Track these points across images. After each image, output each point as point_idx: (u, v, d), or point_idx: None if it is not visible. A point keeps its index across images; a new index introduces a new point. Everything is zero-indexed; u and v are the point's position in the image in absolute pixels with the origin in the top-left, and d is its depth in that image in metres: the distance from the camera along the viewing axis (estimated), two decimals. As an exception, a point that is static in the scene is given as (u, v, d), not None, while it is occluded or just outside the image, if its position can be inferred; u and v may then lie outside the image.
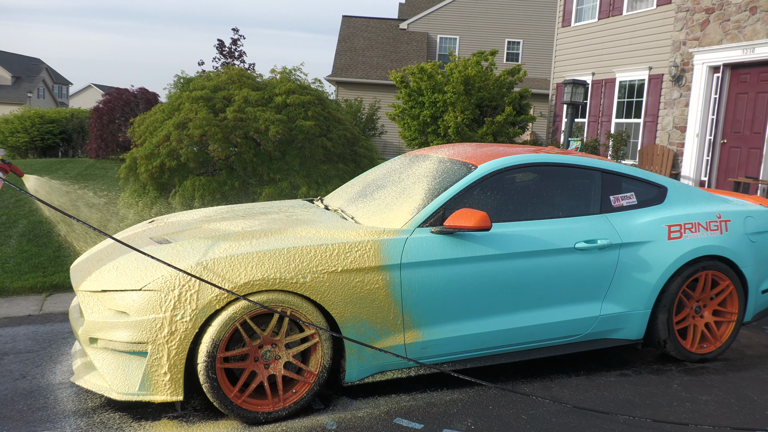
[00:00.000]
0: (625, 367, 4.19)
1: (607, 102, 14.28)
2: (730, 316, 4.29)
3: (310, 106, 7.51)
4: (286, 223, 3.69)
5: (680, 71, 11.68)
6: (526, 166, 4.01)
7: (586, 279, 3.87)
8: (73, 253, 6.53)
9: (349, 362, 3.39)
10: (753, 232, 4.38)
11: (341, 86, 25.89)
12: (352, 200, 4.20)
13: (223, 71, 8.18)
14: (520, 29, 27.90)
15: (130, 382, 3.08)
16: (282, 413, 3.26)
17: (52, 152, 20.45)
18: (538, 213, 3.89)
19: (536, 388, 3.79)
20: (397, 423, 3.29)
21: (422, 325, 3.52)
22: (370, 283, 3.37)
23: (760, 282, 4.42)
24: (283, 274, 3.19)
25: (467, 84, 13.59)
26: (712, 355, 4.26)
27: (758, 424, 3.41)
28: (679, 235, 4.08)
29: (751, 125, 10.40)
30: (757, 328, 5.08)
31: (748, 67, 10.47)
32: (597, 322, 3.94)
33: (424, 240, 3.52)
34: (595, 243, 3.87)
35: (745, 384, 3.95)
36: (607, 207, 4.08)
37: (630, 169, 4.27)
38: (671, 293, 4.05)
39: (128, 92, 16.90)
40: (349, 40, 27.85)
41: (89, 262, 3.56)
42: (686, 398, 3.71)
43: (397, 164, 4.49)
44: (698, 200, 4.38)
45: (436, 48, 28.09)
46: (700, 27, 11.21)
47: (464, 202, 3.71)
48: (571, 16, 15.54)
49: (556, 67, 16.20)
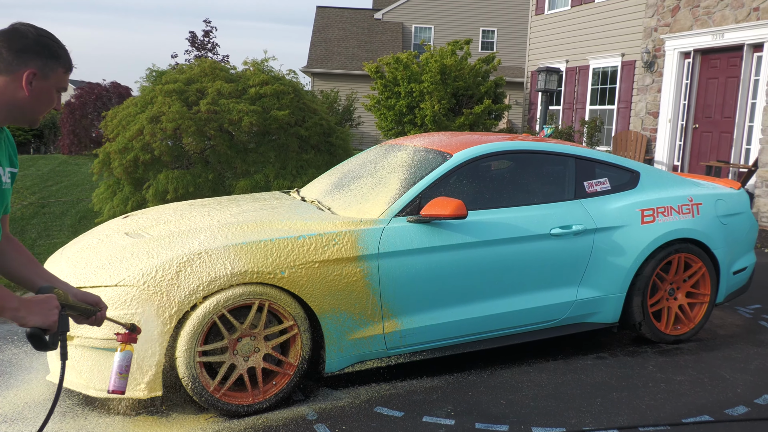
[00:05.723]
0: (602, 350, 4.25)
1: (581, 89, 14.39)
2: (702, 297, 4.37)
3: (284, 96, 7.47)
4: (262, 216, 3.67)
5: (652, 57, 11.81)
6: (501, 153, 4.04)
7: (561, 264, 3.91)
8: (47, 250, 6.44)
9: (329, 353, 3.40)
10: (724, 215, 4.46)
11: (317, 77, 25.74)
12: (329, 191, 4.19)
13: (196, 64, 8.09)
14: (494, 18, 27.96)
15: (107, 379, 3.05)
16: (262, 405, 3.26)
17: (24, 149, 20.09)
18: (514, 200, 3.92)
19: (515, 373, 3.83)
20: (377, 411, 3.31)
21: (401, 314, 3.53)
22: (348, 273, 3.37)
23: (731, 263, 4.50)
24: (261, 267, 3.18)
25: (444, 73, 13.60)
26: (686, 336, 4.34)
27: (731, 402, 3.49)
28: (652, 219, 4.14)
29: (721, 110, 10.56)
30: (729, 309, 5.19)
31: (718, 53, 10.62)
32: (573, 307, 3.99)
33: (401, 229, 3.53)
34: (570, 229, 3.91)
35: (718, 363, 4.04)
36: (581, 193, 4.12)
37: (603, 155, 4.32)
38: (645, 276, 4.12)
39: (100, 86, 16.66)
40: (323, 31, 27.68)
41: (63, 259, 3.51)
42: (661, 379, 3.78)
43: (372, 154, 4.49)
44: (670, 184, 4.45)
45: (411, 38, 28.05)
46: (670, 13, 11.33)
47: (440, 191, 3.73)
48: (544, 3, 15.60)
49: (530, 55, 16.28)
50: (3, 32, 1.71)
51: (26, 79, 1.72)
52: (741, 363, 4.05)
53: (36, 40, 1.72)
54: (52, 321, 1.67)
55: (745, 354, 4.20)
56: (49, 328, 1.66)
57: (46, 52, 1.74)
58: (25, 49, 1.71)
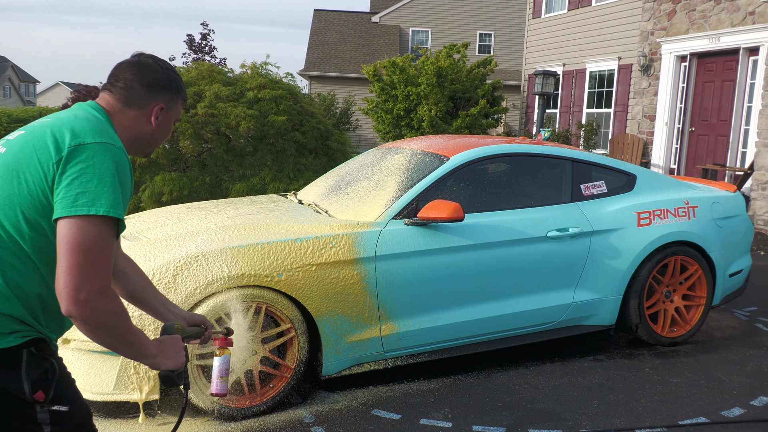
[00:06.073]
0: (599, 352, 4.26)
1: (578, 92, 14.43)
2: (699, 299, 4.38)
3: (281, 101, 7.48)
4: (259, 218, 3.68)
5: (648, 61, 11.85)
6: (498, 156, 4.05)
7: (558, 267, 3.92)
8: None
9: (326, 355, 3.40)
10: (720, 218, 4.47)
11: (314, 81, 25.76)
12: (326, 194, 4.20)
13: (194, 67, 8.10)
14: (491, 21, 28.02)
15: (104, 382, 3.05)
16: (260, 408, 3.26)
17: (20, 152, 20.04)
18: (511, 203, 3.93)
19: (512, 375, 3.84)
20: (374, 414, 3.31)
21: (398, 316, 3.54)
22: (346, 276, 3.38)
23: (727, 266, 4.52)
24: (258, 270, 3.19)
25: (440, 76, 13.63)
26: (683, 339, 4.35)
27: (727, 403, 3.50)
28: (648, 222, 4.15)
29: (717, 113, 10.60)
30: (725, 311, 5.20)
31: (714, 56, 10.66)
32: (570, 309, 4.00)
33: (398, 232, 3.54)
34: (566, 231, 3.92)
35: (714, 365, 4.05)
36: (578, 195, 4.13)
37: (600, 158, 4.33)
38: (642, 279, 4.13)
39: (97, 89, 16.66)
40: (321, 34, 27.72)
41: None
42: (658, 381, 3.78)
43: (369, 157, 4.50)
44: (666, 187, 4.46)
45: (408, 41, 28.10)
46: (667, 17, 11.37)
47: (437, 194, 3.73)
48: (541, 7, 15.65)
49: (527, 59, 16.32)
50: (132, 65, 1.74)
51: (155, 114, 1.75)
52: (737, 365, 4.06)
53: (164, 75, 1.76)
54: (181, 363, 1.72)
55: (741, 356, 4.22)
56: (179, 369, 1.71)
57: (174, 86, 1.78)
58: (155, 83, 1.74)
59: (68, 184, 1.48)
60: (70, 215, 1.46)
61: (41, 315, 1.56)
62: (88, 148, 1.53)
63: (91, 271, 1.46)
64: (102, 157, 1.53)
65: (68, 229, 1.46)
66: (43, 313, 1.57)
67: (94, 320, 1.47)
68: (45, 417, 1.51)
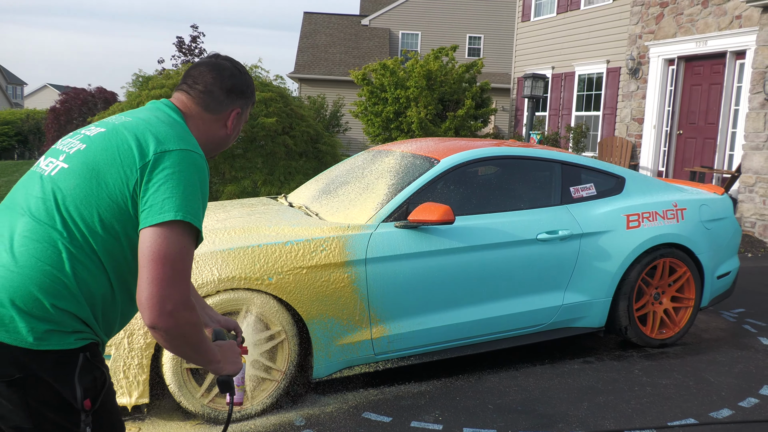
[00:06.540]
0: (588, 354, 4.28)
1: (567, 95, 14.50)
2: (687, 301, 4.41)
3: (271, 103, 7.47)
4: (250, 221, 3.67)
5: (637, 64, 11.93)
6: (488, 159, 4.06)
7: (548, 269, 3.94)
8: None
9: (317, 358, 3.39)
10: (708, 220, 4.51)
11: (304, 83, 25.74)
12: (316, 197, 4.20)
13: (183, 69, 8.07)
14: (481, 24, 28.12)
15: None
16: (250, 411, 3.25)
17: (8, 155, 19.90)
18: (501, 205, 3.94)
19: (502, 377, 3.85)
20: (365, 417, 3.31)
21: (388, 319, 3.54)
22: (336, 279, 3.37)
23: (715, 268, 4.55)
24: (248, 272, 3.18)
25: (429, 79, 13.66)
26: (672, 340, 4.38)
27: (715, 405, 3.52)
28: (637, 224, 4.18)
29: (705, 116, 10.68)
30: (713, 313, 5.24)
31: (702, 60, 10.75)
32: (560, 312, 4.01)
33: (389, 235, 3.54)
34: (556, 234, 3.94)
35: (703, 367, 4.08)
36: (567, 198, 4.15)
37: (589, 161, 4.35)
38: (631, 281, 4.15)
39: (85, 92, 16.56)
40: (311, 37, 27.70)
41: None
42: (647, 383, 3.81)
43: (360, 160, 4.50)
44: (655, 190, 4.50)
45: (398, 44, 28.14)
46: (655, 20, 11.46)
47: (427, 196, 3.74)
48: (530, 10, 15.73)
49: (516, 62, 16.39)
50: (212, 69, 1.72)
51: (232, 119, 1.75)
52: (725, 366, 4.09)
53: (243, 80, 1.75)
54: (239, 368, 1.72)
55: (730, 357, 4.25)
56: (236, 374, 1.71)
57: (249, 91, 1.78)
58: (233, 88, 1.73)
59: (155, 191, 1.47)
60: (156, 223, 1.45)
61: (101, 318, 1.54)
62: (173, 155, 1.52)
63: (175, 283, 1.45)
64: (187, 165, 1.52)
65: (154, 239, 1.45)
66: (102, 316, 1.55)
67: (177, 331, 1.46)
68: (87, 426, 1.47)
